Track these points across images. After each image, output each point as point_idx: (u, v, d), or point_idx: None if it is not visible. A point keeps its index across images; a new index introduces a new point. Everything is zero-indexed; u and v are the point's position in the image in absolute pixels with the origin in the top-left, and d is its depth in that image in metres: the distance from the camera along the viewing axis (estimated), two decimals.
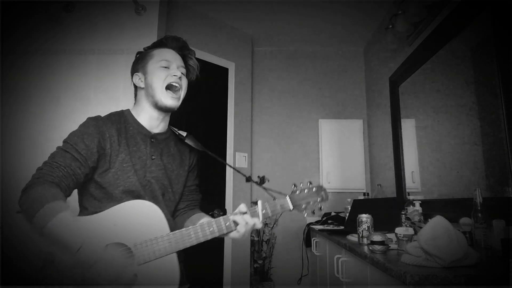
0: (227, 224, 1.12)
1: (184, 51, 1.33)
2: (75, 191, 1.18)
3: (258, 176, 1.33)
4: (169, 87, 1.23)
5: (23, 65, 2.28)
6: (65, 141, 1.14)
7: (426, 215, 1.88)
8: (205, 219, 1.20)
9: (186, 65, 1.32)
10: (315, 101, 3.76)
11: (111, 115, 1.24)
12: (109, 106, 2.30)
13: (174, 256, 1.07)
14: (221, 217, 1.12)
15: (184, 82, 1.27)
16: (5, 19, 2.18)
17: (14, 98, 2.24)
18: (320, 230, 2.68)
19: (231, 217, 1.12)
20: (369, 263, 1.45)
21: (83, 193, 1.18)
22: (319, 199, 1.25)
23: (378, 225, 1.76)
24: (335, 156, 3.62)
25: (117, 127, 1.19)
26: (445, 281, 1.01)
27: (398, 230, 1.52)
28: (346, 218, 2.39)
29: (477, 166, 1.83)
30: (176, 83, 1.23)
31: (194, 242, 1.08)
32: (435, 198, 2.23)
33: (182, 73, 1.26)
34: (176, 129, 1.36)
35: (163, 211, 1.14)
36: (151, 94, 1.22)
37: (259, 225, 1.13)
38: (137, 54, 1.34)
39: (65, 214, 0.96)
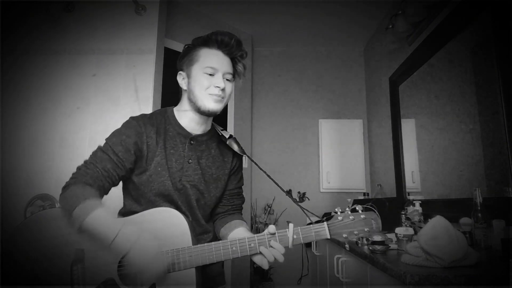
0: (251, 245, 1.06)
1: (234, 54, 1.21)
2: (120, 189, 1.21)
3: (299, 192, 1.24)
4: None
5: (23, 65, 2.28)
6: (106, 140, 1.15)
7: (426, 215, 1.88)
8: (240, 230, 1.20)
9: (234, 68, 1.23)
10: (315, 101, 3.76)
11: (153, 115, 1.22)
12: (109, 106, 2.31)
13: (193, 272, 1.04)
14: (246, 238, 1.06)
15: (229, 88, 1.19)
16: (5, 19, 2.18)
17: (14, 98, 2.24)
18: None
19: (260, 248, 1.06)
20: (369, 263, 1.45)
21: (124, 191, 1.21)
22: (366, 229, 1.06)
23: None
24: (335, 156, 3.62)
25: (157, 128, 1.17)
26: (445, 281, 1.01)
27: (398, 230, 1.52)
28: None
29: (477, 166, 1.83)
30: (218, 95, 1.15)
31: (214, 260, 1.04)
32: (435, 198, 2.23)
33: (227, 79, 1.18)
34: (220, 128, 1.31)
35: (196, 216, 1.17)
36: (193, 100, 1.17)
37: (280, 259, 1.06)
38: (185, 46, 1.24)
39: (99, 212, 0.98)
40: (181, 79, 1.21)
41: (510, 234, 1.37)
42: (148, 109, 2.30)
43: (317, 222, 1.12)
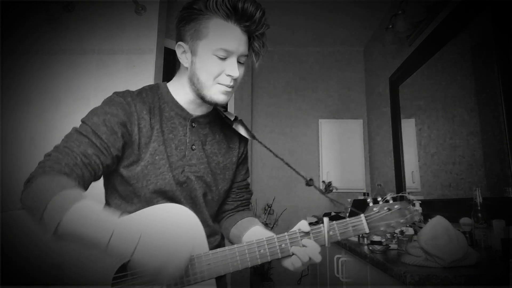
0: (282, 246, 0.86)
1: (256, 31, 0.95)
2: (100, 184, 0.96)
3: (323, 182, 1.05)
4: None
5: (24, 65, 2.28)
6: (83, 121, 0.89)
7: (426, 215, 1.87)
8: (257, 229, 0.99)
9: (250, 47, 0.97)
10: (315, 101, 3.76)
11: (142, 91, 0.96)
12: None
13: (213, 283, 0.83)
14: (275, 237, 0.87)
15: (241, 73, 0.94)
16: (5, 19, 2.18)
17: (14, 98, 2.24)
18: None
19: (291, 248, 0.86)
20: (369, 263, 1.45)
21: (108, 187, 0.96)
22: (402, 221, 0.93)
23: None
24: (335, 156, 3.62)
25: (149, 107, 0.93)
26: (445, 281, 1.01)
27: (398, 230, 1.52)
28: (346, 218, 2.39)
29: (477, 166, 1.83)
30: (228, 85, 0.92)
31: (239, 267, 0.83)
32: (435, 198, 2.23)
33: (240, 62, 0.94)
34: (223, 110, 1.07)
35: (202, 215, 0.92)
36: (196, 85, 0.93)
37: (318, 258, 0.85)
38: (186, 9, 0.92)
39: (85, 203, 0.71)
40: (181, 53, 0.94)
41: (510, 234, 1.37)
42: None
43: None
